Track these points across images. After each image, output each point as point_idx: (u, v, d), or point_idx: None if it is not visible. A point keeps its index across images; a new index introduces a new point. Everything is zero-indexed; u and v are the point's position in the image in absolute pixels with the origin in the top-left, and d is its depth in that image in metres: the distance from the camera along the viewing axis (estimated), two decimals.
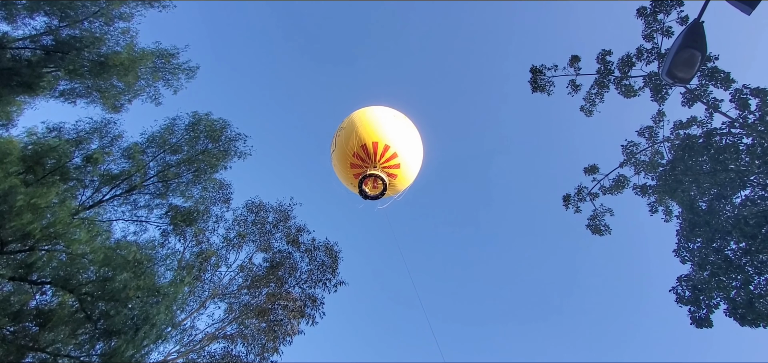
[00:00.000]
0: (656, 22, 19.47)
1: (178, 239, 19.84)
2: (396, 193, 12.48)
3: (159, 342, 14.11)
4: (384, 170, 11.51)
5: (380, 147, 11.42)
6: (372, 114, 12.10)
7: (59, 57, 16.44)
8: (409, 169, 12.15)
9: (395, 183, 11.96)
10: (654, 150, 22.00)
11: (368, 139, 11.41)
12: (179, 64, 18.95)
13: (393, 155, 11.52)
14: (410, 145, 12.14)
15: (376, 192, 11.66)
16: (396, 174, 11.76)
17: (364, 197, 11.73)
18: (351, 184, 12.09)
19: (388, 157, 11.50)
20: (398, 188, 12.34)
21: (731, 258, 16.68)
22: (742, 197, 17.42)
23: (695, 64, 5.17)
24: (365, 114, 12.11)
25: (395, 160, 11.60)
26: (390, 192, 11.94)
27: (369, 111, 12.25)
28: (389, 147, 11.48)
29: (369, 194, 11.66)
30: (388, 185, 11.51)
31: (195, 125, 18.76)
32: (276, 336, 20.34)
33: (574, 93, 21.83)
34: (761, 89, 17.24)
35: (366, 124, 11.69)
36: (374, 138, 11.44)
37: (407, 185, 12.62)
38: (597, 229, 22.51)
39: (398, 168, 11.72)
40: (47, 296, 13.17)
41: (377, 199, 11.89)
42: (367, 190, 11.57)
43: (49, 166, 14.96)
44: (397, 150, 11.60)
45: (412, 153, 12.18)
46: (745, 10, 4.42)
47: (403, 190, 12.68)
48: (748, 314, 15.95)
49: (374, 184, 11.53)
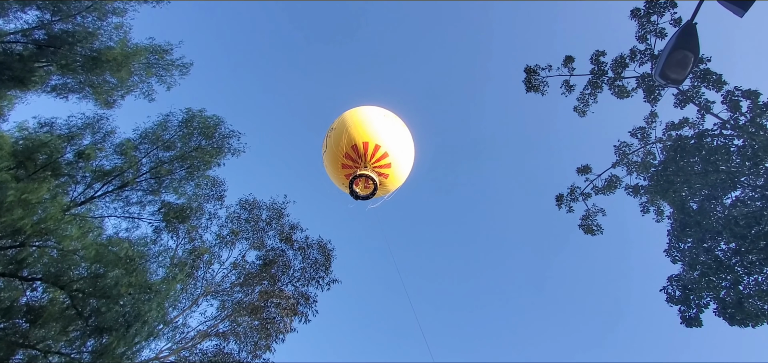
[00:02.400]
0: (650, 23, 19.60)
1: (170, 236, 19.78)
2: (387, 193, 12.47)
3: (151, 339, 14.08)
4: (375, 170, 11.50)
5: (371, 147, 11.41)
6: (362, 114, 12.09)
7: (51, 52, 16.30)
8: (400, 168, 12.14)
9: (386, 183, 11.95)
10: (646, 151, 22.16)
11: (359, 139, 11.40)
12: (173, 60, 18.84)
13: (384, 155, 11.52)
14: (401, 144, 12.12)
15: (367, 192, 11.66)
16: (387, 174, 11.76)
17: (355, 197, 11.73)
18: (342, 185, 12.07)
19: (378, 157, 11.50)
20: (389, 188, 12.34)
21: (721, 258, 16.84)
22: (733, 198, 17.58)
23: (688, 65, 5.21)
24: (356, 114, 12.09)
25: (386, 160, 11.59)
26: (381, 192, 11.93)
27: (359, 111, 12.22)
28: (380, 147, 11.47)
29: (360, 194, 11.66)
30: (379, 185, 11.50)
31: (188, 122, 18.69)
32: (269, 334, 20.31)
33: (568, 93, 21.94)
34: (752, 91, 17.40)
35: (357, 124, 11.67)
36: (365, 138, 11.43)
37: (398, 185, 12.61)
38: (589, 228, 22.65)
39: (389, 168, 11.71)
40: (38, 292, 13.09)
41: (368, 199, 11.88)
42: (357, 190, 11.56)
43: (41, 162, 14.87)
44: (388, 150, 11.59)
45: (403, 153, 12.17)
46: (737, 13, 4.47)
47: (394, 190, 12.68)
48: (738, 314, 16.11)
49: (365, 184, 11.52)
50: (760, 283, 15.90)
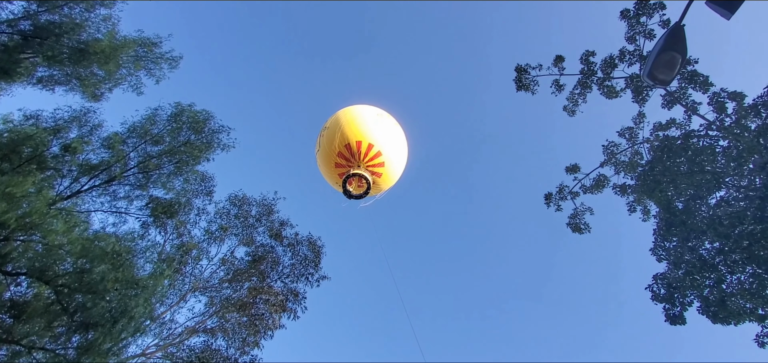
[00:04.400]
0: (639, 24, 19.82)
1: (158, 231, 19.61)
2: (379, 192, 12.51)
3: (137, 335, 13.98)
4: (368, 169, 11.53)
5: (364, 146, 11.42)
6: (356, 113, 12.09)
7: (37, 43, 16.05)
8: (394, 167, 12.17)
9: (379, 182, 11.98)
10: (634, 150, 22.41)
11: (352, 139, 11.42)
12: (162, 53, 18.67)
13: (377, 154, 11.54)
14: (394, 143, 12.14)
15: (360, 191, 11.69)
16: (380, 173, 11.79)
17: (349, 196, 11.75)
18: (336, 184, 12.08)
19: (372, 156, 11.52)
20: (382, 187, 12.37)
21: (705, 257, 17.11)
22: (717, 198, 17.87)
23: (676, 66, 5.28)
24: (349, 113, 12.09)
25: (379, 159, 11.62)
26: (374, 191, 11.97)
27: (353, 110, 12.23)
28: (373, 146, 11.49)
29: (353, 193, 11.68)
30: (372, 184, 11.54)
31: (177, 116, 18.53)
32: (257, 330, 20.25)
33: (558, 93, 22.10)
34: (738, 93, 17.67)
35: (350, 123, 11.68)
36: (358, 137, 11.44)
37: (392, 184, 12.64)
38: (577, 227, 22.87)
39: (382, 167, 11.74)
40: (22, 287, 12.94)
41: (361, 198, 11.91)
42: (351, 189, 11.58)
43: (26, 155, 14.66)
44: (381, 149, 11.61)
45: (397, 152, 12.19)
46: (724, 15, 4.54)
47: (386, 189, 12.71)
48: (720, 312, 16.40)
49: (359, 184, 11.55)
50: (743, 282, 16.19)
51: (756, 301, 15.76)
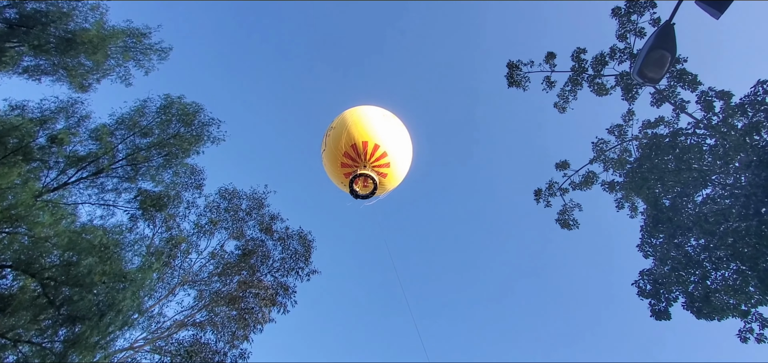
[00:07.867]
0: (630, 22, 19.96)
1: (147, 224, 19.46)
2: (384, 192, 12.64)
3: (125, 328, 13.89)
4: (374, 170, 11.64)
5: (370, 146, 11.54)
6: (362, 113, 12.24)
7: (24, 31, 15.80)
8: (399, 168, 12.33)
9: (385, 182, 12.12)
10: (623, 148, 22.62)
11: (358, 139, 11.53)
12: (151, 44, 18.49)
13: (383, 154, 11.66)
14: (400, 144, 12.29)
15: (366, 191, 11.82)
16: (386, 173, 11.93)
17: (355, 196, 11.89)
18: (341, 184, 12.21)
19: (378, 157, 11.64)
20: (387, 187, 12.51)
21: (691, 254, 17.38)
22: (704, 196, 18.13)
23: (665, 64, 5.34)
24: (355, 113, 12.22)
25: (385, 160, 11.75)
26: (380, 191, 12.10)
27: (359, 110, 12.37)
28: (379, 146, 11.61)
29: (359, 193, 11.81)
30: (378, 184, 11.66)
31: (167, 108, 18.36)
32: (247, 324, 20.22)
33: (549, 89, 22.22)
34: (725, 92, 17.90)
35: (356, 124, 11.80)
36: (364, 137, 11.56)
37: (397, 184, 12.79)
38: (566, 223, 23.07)
39: (388, 167, 11.88)
40: (8, 280, 12.78)
41: (368, 198, 12.06)
42: (357, 189, 11.71)
43: (12, 146, 14.43)
44: (387, 149, 11.74)
45: (402, 152, 12.35)
46: (713, 14, 4.60)
47: (391, 189, 12.86)
48: (704, 308, 16.69)
49: (365, 184, 11.66)
50: (727, 279, 16.47)
51: (739, 297, 16.06)
